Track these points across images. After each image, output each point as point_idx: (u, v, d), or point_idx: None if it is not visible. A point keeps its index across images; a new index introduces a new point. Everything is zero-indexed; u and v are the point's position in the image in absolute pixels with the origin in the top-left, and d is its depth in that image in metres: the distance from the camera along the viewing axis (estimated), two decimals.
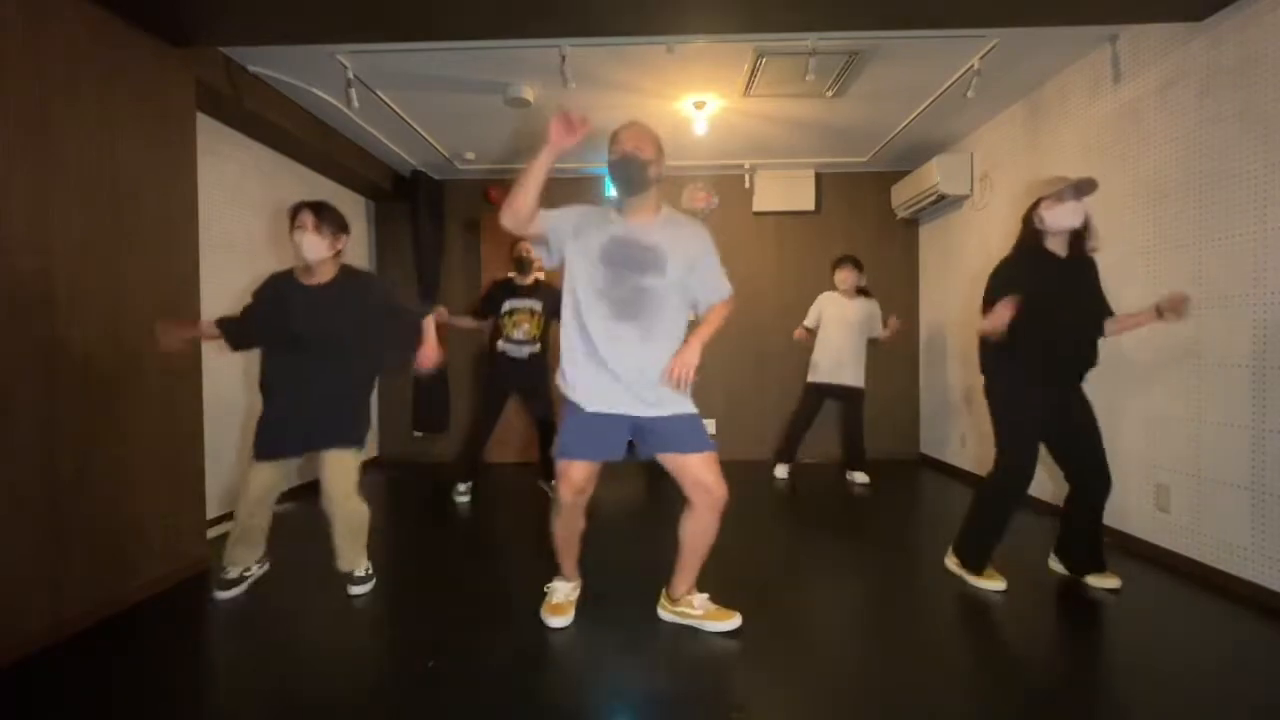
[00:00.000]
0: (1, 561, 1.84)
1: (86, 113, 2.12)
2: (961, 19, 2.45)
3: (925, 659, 1.85)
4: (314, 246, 2.22)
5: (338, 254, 2.32)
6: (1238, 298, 2.25)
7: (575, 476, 1.92)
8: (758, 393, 4.91)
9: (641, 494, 3.91)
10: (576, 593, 2.17)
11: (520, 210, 1.75)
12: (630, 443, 1.96)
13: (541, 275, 3.69)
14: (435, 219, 4.87)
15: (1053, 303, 2.16)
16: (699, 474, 1.89)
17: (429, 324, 2.44)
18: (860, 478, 4.08)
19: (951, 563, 2.46)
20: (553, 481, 3.76)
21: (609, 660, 1.86)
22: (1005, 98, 3.51)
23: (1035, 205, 2.22)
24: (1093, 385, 3.05)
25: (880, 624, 2.11)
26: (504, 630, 2.03)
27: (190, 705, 1.67)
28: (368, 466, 4.81)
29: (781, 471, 4.25)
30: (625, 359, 1.85)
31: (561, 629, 2.02)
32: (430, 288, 4.86)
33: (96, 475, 2.13)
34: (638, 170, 1.83)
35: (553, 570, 2.21)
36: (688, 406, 1.92)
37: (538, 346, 3.64)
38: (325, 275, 2.29)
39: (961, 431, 4.25)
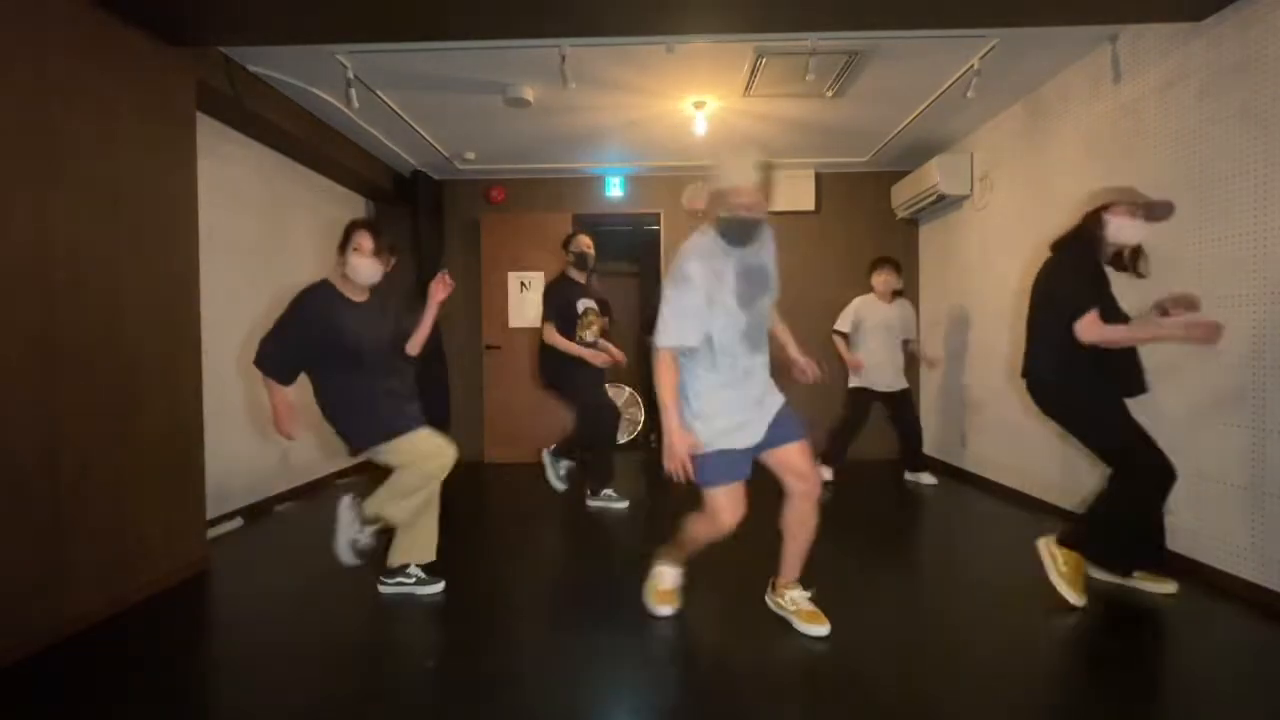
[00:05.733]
0: (2, 561, 1.83)
1: (86, 113, 2.12)
2: (961, 19, 2.45)
3: (923, 659, 1.85)
4: (372, 271, 2.19)
5: None
6: (1238, 298, 2.24)
7: (737, 501, 1.86)
8: None
9: (642, 493, 3.91)
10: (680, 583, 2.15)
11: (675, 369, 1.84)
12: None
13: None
14: (435, 219, 4.88)
15: (1112, 306, 2.11)
16: (797, 462, 1.88)
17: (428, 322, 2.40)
18: (926, 478, 4.04)
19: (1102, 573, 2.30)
20: (604, 492, 3.60)
21: (610, 662, 1.86)
22: (1005, 98, 3.50)
23: (1105, 208, 2.11)
24: None
25: (880, 625, 2.11)
26: (505, 631, 2.03)
27: (191, 705, 1.67)
28: (366, 466, 4.80)
29: (827, 474, 4.02)
30: (755, 384, 1.88)
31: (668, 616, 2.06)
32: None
33: (97, 475, 2.13)
34: (756, 230, 1.78)
35: (549, 574, 2.21)
36: (781, 396, 1.94)
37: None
38: (366, 292, 2.27)
39: (962, 431, 4.25)
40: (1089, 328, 2.04)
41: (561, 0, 2.26)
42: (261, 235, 3.54)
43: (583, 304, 3.42)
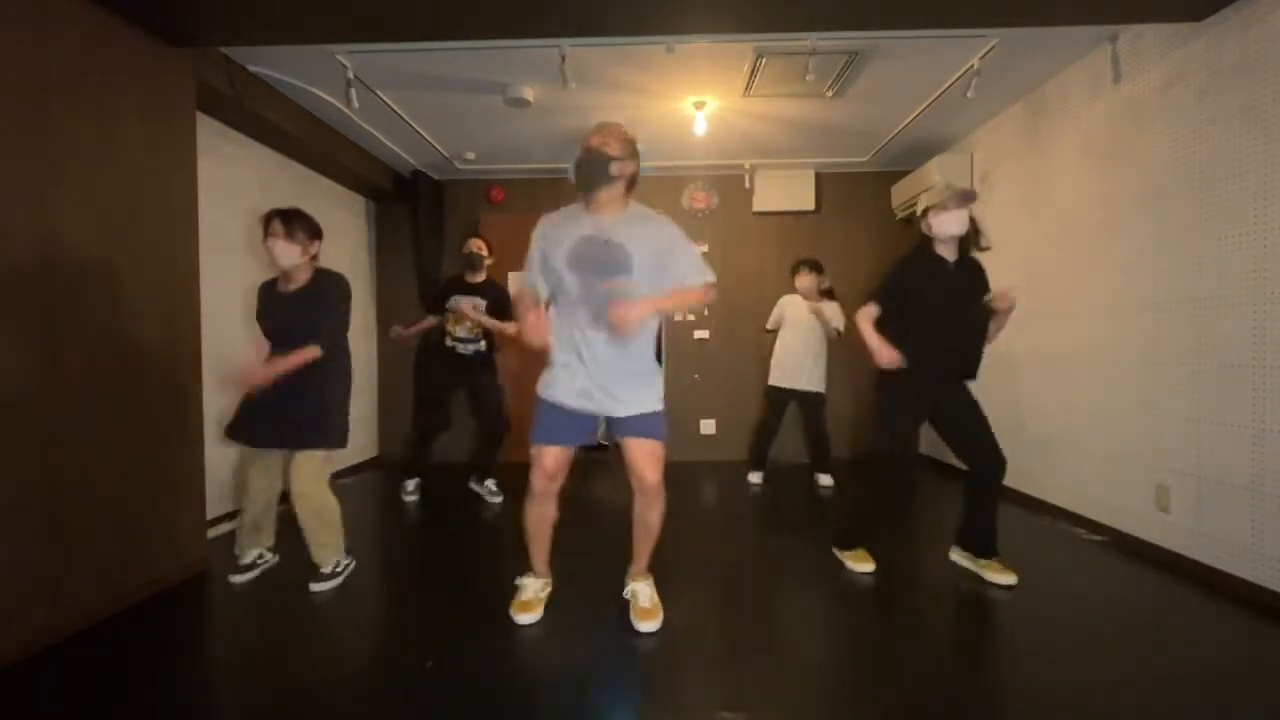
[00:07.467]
0: (2, 561, 1.84)
1: (86, 113, 2.12)
2: (961, 19, 2.45)
3: (921, 658, 1.85)
4: (285, 253, 2.32)
5: (313, 258, 2.40)
6: (1238, 298, 2.25)
7: (548, 462, 1.98)
8: (759, 393, 4.90)
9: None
10: (547, 590, 2.17)
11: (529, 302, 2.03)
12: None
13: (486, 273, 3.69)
14: (435, 219, 4.87)
15: (939, 303, 2.31)
16: (636, 460, 1.96)
17: (303, 353, 2.30)
18: (825, 480, 4.04)
19: (958, 555, 2.55)
20: (487, 482, 3.79)
21: (605, 661, 1.86)
22: (1005, 98, 3.50)
23: (924, 213, 2.36)
24: (1094, 385, 3.06)
25: (874, 622, 2.11)
26: (502, 631, 2.03)
27: (190, 704, 1.67)
28: (367, 466, 4.82)
29: (755, 478, 4.11)
30: (600, 361, 1.92)
31: (529, 625, 2.04)
32: (430, 288, 4.85)
33: (97, 475, 2.13)
34: (599, 166, 1.89)
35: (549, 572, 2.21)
36: (654, 405, 1.98)
37: (483, 344, 3.62)
38: (301, 279, 2.39)
39: None
40: (859, 314, 2.42)
41: (561, 0, 2.27)
42: (262, 235, 3.53)
43: (453, 300, 3.59)
